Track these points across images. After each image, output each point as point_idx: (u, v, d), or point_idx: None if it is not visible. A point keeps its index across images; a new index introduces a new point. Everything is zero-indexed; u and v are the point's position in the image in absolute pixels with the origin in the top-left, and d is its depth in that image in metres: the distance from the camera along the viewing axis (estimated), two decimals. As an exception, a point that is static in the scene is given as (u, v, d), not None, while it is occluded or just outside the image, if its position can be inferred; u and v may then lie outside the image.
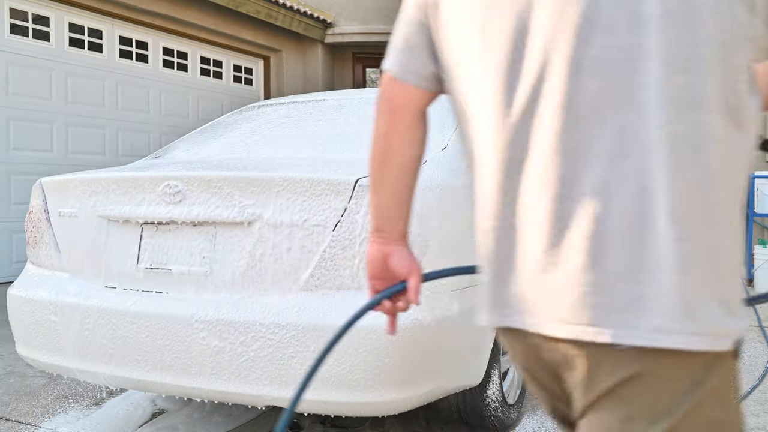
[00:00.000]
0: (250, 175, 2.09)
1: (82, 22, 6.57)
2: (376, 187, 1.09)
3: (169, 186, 2.17)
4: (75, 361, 2.26)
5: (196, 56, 8.03)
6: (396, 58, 1.06)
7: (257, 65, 9.14)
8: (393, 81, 1.06)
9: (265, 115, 3.19)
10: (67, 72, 6.40)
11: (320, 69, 9.55)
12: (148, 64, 7.34)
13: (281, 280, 2.03)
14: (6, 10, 5.85)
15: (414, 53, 1.04)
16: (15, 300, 2.43)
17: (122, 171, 2.39)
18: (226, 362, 2.00)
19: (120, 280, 2.25)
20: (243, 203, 2.08)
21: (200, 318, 2.04)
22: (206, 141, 3.00)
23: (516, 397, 2.70)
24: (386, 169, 1.07)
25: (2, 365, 3.51)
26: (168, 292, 2.16)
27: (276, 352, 1.95)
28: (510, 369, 2.66)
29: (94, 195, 2.33)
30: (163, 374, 2.10)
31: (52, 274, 2.42)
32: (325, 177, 2.02)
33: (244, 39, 8.46)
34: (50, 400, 3.01)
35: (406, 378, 1.94)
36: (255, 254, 2.06)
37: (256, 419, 2.74)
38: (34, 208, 2.50)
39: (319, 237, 2.00)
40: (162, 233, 2.21)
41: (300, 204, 2.03)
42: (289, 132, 2.94)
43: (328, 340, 1.77)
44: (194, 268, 2.13)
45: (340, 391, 1.92)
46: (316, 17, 9.20)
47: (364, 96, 3.19)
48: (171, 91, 7.63)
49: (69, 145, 6.45)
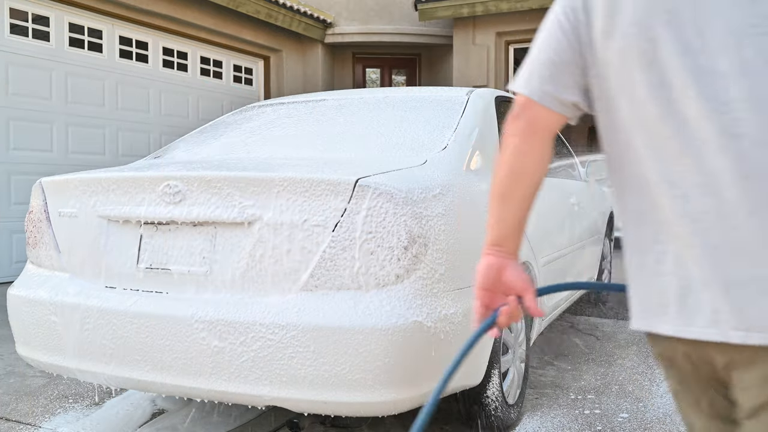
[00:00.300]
0: (250, 175, 2.09)
1: (82, 22, 6.57)
2: (504, 202, 1.13)
3: (169, 186, 2.17)
4: (75, 361, 2.26)
5: (196, 56, 8.03)
6: (539, 83, 1.09)
7: (257, 65, 9.14)
8: (533, 104, 1.09)
9: (265, 115, 3.19)
10: (67, 72, 6.40)
11: (320, 69, 9.55)
12: (148, 64, 7.34)
13: (281, 281, 2.03)
14: (6, 10, 5.85)
15: (557, 80, 1.07)
16: (15, 300, 2.43)
17: (122, 171, 2.39)
18: (226, 362, 2.00)
19: (120, 280, 2.25)
20: (243, 203, 2.08)
21: (200, 318, 2.04)
22: (206, 141, 3.00)
23: (516, 397, 2.70)
24: (518, 186, 1.12)
25: (2, 365, 3.51)
26: (168, 292, 2.16)
27: (276, 352, 1.95)
28: (510, 369, 2.65)
29: (94, 195, 2.33)
30: (163, 374, 2.10)
31: (52, 274, 2.42)
32: (325, 177, 2.02)
33: (244, 39, 8.46)
34: (50, 400, 3.01)
35: (406, 378, 1.94)
36: (255, 254, 2.06)
37: (256, 419, 2.74)
38: (34, 208, 2.50)
39: (319, 238, 2.00)
40: (162, 233, 2.21)
41: (300, 204, 2.03)
42: (289, 132, 2.94)
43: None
44: (194, 268, 2.13)
45: (340, 391, 1.92)
46: (316, 17, 9.20)
47: (364, 96, 3.19)
48: (171, 91, 7.63)
49: (69, 145, 6.45)
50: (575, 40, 1.06)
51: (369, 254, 1.97)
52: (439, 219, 2.09)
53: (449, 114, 2.76)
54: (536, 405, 2.91)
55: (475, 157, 2.55)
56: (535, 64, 1.10)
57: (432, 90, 3.18)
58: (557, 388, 3.15)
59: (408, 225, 1.98)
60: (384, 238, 1.97)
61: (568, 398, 3.00)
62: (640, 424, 2.68)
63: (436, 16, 8.60)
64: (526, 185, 1.12)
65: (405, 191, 2.01)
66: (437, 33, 9.55)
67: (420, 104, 2.94)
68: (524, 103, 1.10)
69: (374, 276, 1.96)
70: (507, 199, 1.13)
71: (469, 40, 8.77)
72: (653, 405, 2.91)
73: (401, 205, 1.99)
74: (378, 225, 1.97)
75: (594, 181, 4.69)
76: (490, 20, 8.64)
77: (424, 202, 2.06)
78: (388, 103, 3.02)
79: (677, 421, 2.71)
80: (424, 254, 2.02)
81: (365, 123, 2.82)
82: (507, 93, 3.55)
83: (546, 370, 3.45)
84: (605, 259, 5.12)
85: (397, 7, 9.55)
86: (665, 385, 3.18)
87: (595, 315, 4.81)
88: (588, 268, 4.34)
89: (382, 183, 2.00)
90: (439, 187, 2.16)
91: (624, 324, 4.54)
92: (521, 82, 1.11)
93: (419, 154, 2.39)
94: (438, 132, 2.60)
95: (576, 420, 2.73)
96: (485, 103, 2.95)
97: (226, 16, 8.00)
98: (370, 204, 1.98)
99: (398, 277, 1.97)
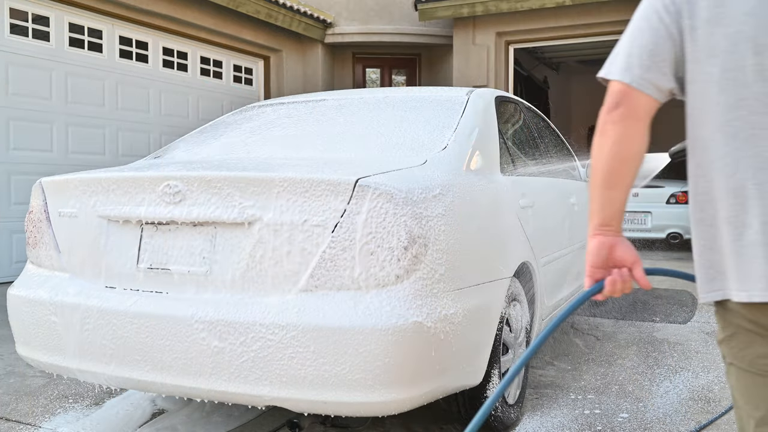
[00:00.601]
0: (250, 175, 2.09)
1: (82, 22, 6.57)
2: (611, 187, 1.21)
3: (169, 186, 2.17)
4: (75, 361, 2.26)
5: (196, 56, 8.03)
6: (640, 72, 1.15)
7: (257, 65, 9.14)
8: (634, 91, 1.16)
9: (265, 115, 3.19)
10: (67, 72, 6.40)
11: (320, 69, 9.55)
12: (148, 64, 7.34)
13: (281, 281, 2.03)
14: (6, 10, 5.85)
15: (658, 68, 1.15)
16: (15, 300, 2.43)
17: (122, 171, 2.39)
18: (226, 362, 2.00)
19: (120, 281, 2.25)
20: (243, 204, 2.08)
21: (200, 318, 2.04)
22: (206, 141, 3.00)
23: (516, 397, 2.71)
24: (625, 171, 1.20)
25: (2, 365, 3.51)
26: (168, 292, 2.16)
27: (276, 352, 1.95)
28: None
29: (94, 195, 2.33)
30: (163, 374, 2.10)
31: (52, 274, 2.42)
32: (325, 177, 2.02)
33: (244, 39, 8.46)
34: (50, 400, 3.01)
35: (406, 378, 1.94)
36: (255, 255, 2.06)
37: (256, 419, 2.74)
38: (34, 208, 2.50)
39: (319, 238, 2.00)
40: (162, 233, 2.21)
41: (300, 205, 2.02)
42: (289, 132, 2.94)
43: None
44: (194, 268, 2.13)
45: (340, 391, 1.92)
46: (316, 17, 9.20)
47: (364, 96, 3.19)
48: (171, 91, 7.63)
49: (69, 145, 6.45)
50: (675, 29, 1.13)
51: (369, 254, 1.97)
52: (439, 219, 2.09)
53: (449, 114, 2.76)
54: (536, 405, 2.91)
55: (475, 157, 2.55)
56: (634, 52, 1.16)
57: (432, 90, 3.18)
58: (557, 388, 3.15)
59: (408, 225, 1.98)
60: (384, 239, 1.97)
61: (568, 398, 3.00)
62: (640, 424, 2.68)
63: (436, 16, 8.61)
64: (632, 169, 1.20)
65: (405, 191, 2.01)
66: (437, 33, 9.55)
67: (420, 104, 2.94)
68: (625, 90, 1.16)
69: (374, 276, 1.96)
70: (614, 185, 1.20)
71: (469, 40, 8.77)
72: (653, 405, 2.91)
73: (401, 205, 1.99)
74: (378, 225, 1.97)
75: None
76: (490, 20, 8.64)
77: (424, 202, 2.06)
78: (388, 103, 3.02)
79: (677, 421, 2.71)
80: (424, 254, 2.02)
81: (365, 123, 2.82)
82: (507, 93, 3.55)
83: (546, 370, 3.45)
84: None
85: (397, 7, 9.55)
86: (665, 385, 3.18)
87: (595, 315, 4.81)
88: (588, 268, 4.33)
89: (382, 183, 2.00)
90: (439, 187, 2.16)
91: (624, 324, 4.54)
92: (619, 70, 1.17)
93: (419, 154, 2.39)
94: (438, 132, 2.60)
95: (576, 420, 2.73)
96: (485, 103, 2.95)
97: (226, 16, 8.00)
98: (370, 204, 1.98)
99: (398, 277, 1.97)
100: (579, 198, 4.04)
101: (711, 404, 2.91)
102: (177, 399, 2.94)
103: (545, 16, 8.36)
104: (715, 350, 3.83)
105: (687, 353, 3.77)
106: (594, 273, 1.25)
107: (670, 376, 3.34)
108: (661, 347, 3.90)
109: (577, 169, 4.52)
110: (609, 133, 1.19)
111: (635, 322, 4.59)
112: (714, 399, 2.98)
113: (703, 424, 2.65)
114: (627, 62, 1.16)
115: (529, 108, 3.86)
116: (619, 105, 1.17)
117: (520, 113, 3.58)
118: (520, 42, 8.97)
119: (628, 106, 1.16)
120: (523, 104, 3.73)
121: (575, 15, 8.21)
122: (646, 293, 5.65)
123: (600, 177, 1.22)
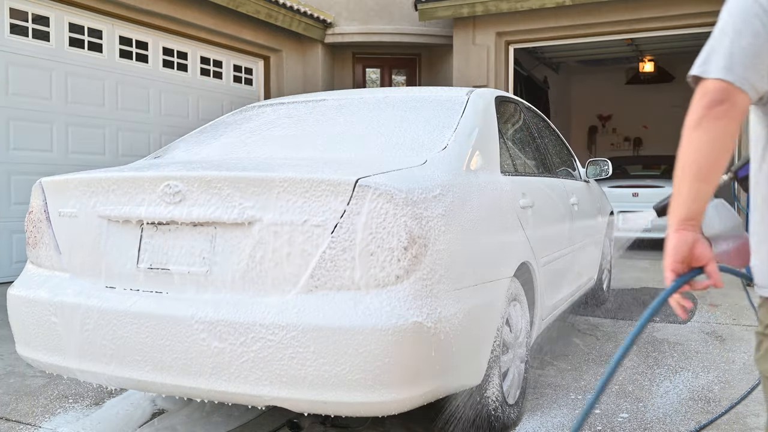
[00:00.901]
0: (250, 175, 2.09)
1: (82, 22, 6.57)
2: (707, 178, 1.22)
3: (169, 186, 2.17)
4: (75, 361, 2.26)
5: (196, 56, 8.03)
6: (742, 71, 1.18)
7: (257, 65, 9.14)
8: (736, 90, 1.19)
9: (265, 115, 3.19)
10: (67, 72, 6.40)
11: (320, 69, 9.55)
12: (148, 64, 7.34)
13: (281, 281, 2.03)
14: (6, 10, 5.85)
15: (757, 70, 1.18)
16: (15, 300, 2.43)
17: (122, 171, 2.39)
18: (226, 362, 2.00)
19: (120, 281, 2.25)
20: (243, 204, 2.08)
21: (200, 318, 2.04)
22: (206, 141, 3.00)
23: (516, 397, 2.70)
24: (721, 164, 1.22)
25: (2, 365, 3.52)
26: (168, 292, 2.16)
27: (276, 352, 1.95)
28: (510, 369, 2.65)
29: (94, 195, 2.33)
30: (164, 374, 2.10)
31: (52, 275, 2.42)
32: (325, 177, 2.02)
33: (244, 39, 8.46)
34: (50, 400, 3.01)
35: (406, 378, 1.95)
36: (255, 255, 2.06)
37: (256, 419, 2.74)
38: (34, 208, 2.50)
39: (319, 238, 2.00)
40: (162, 233, 2.21)
41: (300, 205, 2.02)
42: (289, 132, 2.94)
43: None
44: (194, 268, 2.13)
45: (340, 391, 1.92)
46: (316, 17, 9.20)
47: (364, 96, 3.19)
48: (171, 91, 7.63)
49: (69, 145, 6.45)
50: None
51: (369, 255, 1.97)
52: (439, 219, 2.09)
53: (449, 114, 2.76)
54: (536, 405, 2.91)
55: (475, 157, 2.55)
56: (735, 52, 1.19)
57: (432, 90, 3.18)
58: (557, 388, 3.15)
59: (408, 225, 1.98)
60: (384, 239, 1.97)
61: (568, 398, 3.00)
62: (640, 424, 2.68)
63: (436, 16, 8.60)
64: (724, 165, 1.22)
65: (405, 191, 2.01)
66: (437, 33, 9.55)
67: (420, 104, 2.94)
68: (727, 88, 1.19)
69: (374, 276, 1.96)
70: (707, 178, 1.22)
71: (469, 40, 8.77)
72: (653, 405, 2.91)
73: (401, 205, 1.99)
74: (378, 225, 1.97)
75: (594, 181, 4.69)
76: (490, 20, 8.64)
77: (424, 202, 2.06)
78: (388, 103, 3.02)
79: (677, 421, 2.71)
80: (424, 255, 2.02)
81: (365, 123, 2.82)
82: (507, 93, 3.55)
83: (546, 370, 3.45)
84: (605, 259, 5.12)
85: (397, 7, 9.55)
86: (665, 385, 3.18)
87: (595, 315, 4.81)
88: (588, 267, 4.34)
89: (382, 183, 2.00)
90: (439, 187, 2.16)
91: (624, 324, 4.54)
92: (720, 69, 1.19)
93: (419, 154, 2.39)
94: (438, 132, 2.60)
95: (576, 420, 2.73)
96: (485, 103, 2.95)
97: (226, 16, 8.00)
98: (370, 204, 1.98)
99: (398, 277, 1.97)
100: (579, 198, 4.04)
101: (711, 404, 2.91)
102: (177, 399, 2.94)
103: (545, 16, 8.36)
104: (715, 350, 3.83)
105: (687, 353, 3.77)
106: (677, 268, 1.25)
107: (670, 376, 3.34)
108: (661, 347, 3.90)
109: (576, 169, 4.52)
110: (709, 127, 1.20)
111: (635, 322, 4.59)
112: (714, 399, 2.98)
113: (703, 424, 2.65)
114: (729, 62, 1.19)
115: (529, 108, 3.86)
116: (724, 102, 1.19)
117: (520, 113, 3.58)
118: (520, 42, 8.97)
119: (732, 104, 1.19)
120: (523, 104, 3.73)
121: (575, 15, 8.21)
122: (646, 293, 5.65)
123: (694, 170, 1.22)
